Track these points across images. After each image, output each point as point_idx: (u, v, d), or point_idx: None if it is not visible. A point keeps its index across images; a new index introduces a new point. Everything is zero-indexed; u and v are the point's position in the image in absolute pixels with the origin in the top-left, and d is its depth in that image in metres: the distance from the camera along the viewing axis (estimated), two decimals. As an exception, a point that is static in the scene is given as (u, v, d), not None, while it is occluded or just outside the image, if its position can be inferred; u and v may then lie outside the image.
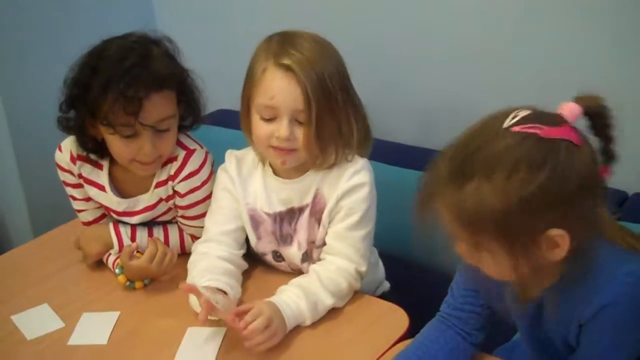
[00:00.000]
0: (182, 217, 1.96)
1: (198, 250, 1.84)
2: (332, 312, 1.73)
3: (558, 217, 1.22)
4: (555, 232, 1.23)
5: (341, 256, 1.77)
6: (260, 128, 1.73)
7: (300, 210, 1.82)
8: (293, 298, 1.68)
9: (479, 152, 1.22)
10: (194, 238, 1.93)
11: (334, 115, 1.70)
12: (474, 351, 1.56)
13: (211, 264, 1.77)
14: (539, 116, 1.25)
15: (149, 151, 1.79)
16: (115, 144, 1.80)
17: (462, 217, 1.23)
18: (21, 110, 2.65)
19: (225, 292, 1.70)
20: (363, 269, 1.78)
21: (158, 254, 1.82)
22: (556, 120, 1.25)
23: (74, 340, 1.72)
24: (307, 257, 1.85)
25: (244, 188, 1.85)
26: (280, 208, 1.83)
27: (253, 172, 1.86)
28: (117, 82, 1.70)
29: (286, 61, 1.67)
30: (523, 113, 1.25)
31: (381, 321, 1.72)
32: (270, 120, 1.71)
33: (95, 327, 1.76)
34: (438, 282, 1.67)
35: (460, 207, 1.23)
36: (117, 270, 1.87)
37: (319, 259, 1.82)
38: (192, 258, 1.84)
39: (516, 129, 1.22)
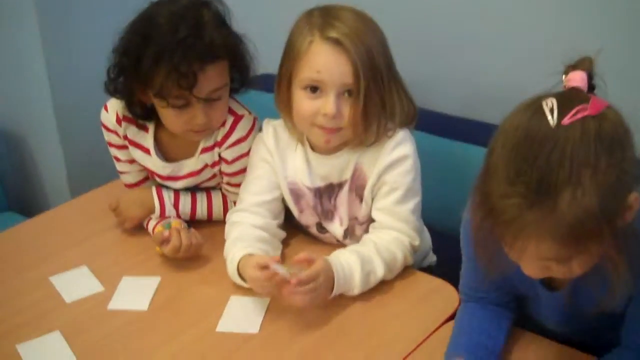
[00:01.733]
0: (228, 184, 1.90)
1: (232, 219, 1.79)
2: (381, 285, 1.67)
3: (629, 181, 1.17)
4: (633, 197, 1.18)
5: (394, 230, 1.71)
6: (304, 104, 1.66)
7: (340, 186, 1.76)
8: (350, 263, 1.62)
9: (551, 163, 1.13)
10: (238, 205, 1.87)
11: (379, 91, 1.64)
12: (513, 318, 1.52)
13: (244, 231, 1.73)
14: (567, 98, 1.18)
15: (202, 121, 1.74)
16: (167, 114, 1.75)
17: (565, 234, 1.13)
18: (63, 69, 2.60)
19: None
20: (417, 242, 1.73)
21: (182, 247, 1.75)
22: (581, 95, 1.20)
23: (114, 304, 1.68)
24: (350, 234, 1.79)
25: (282, 160, 1.79)
26: (319, 183, 1.77)
27: (292, 143, 1.79)
28: (171, 55, 1.63)
29: (334, 34, 1.60)
30: (552, 102, 1.17)
31: (431, 297, 1.66)
32: (314, 96, 1.64)
33: (135, 292, 1.71)
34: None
35: (561, 225, 1.12)
36: (157, 246, 1.81)
37: (363, 236, 1.76)
38: (227, 227, 1.79)
39: (566, 121, 1.15)
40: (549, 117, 1.16)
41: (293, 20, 1.70)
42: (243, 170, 1.85)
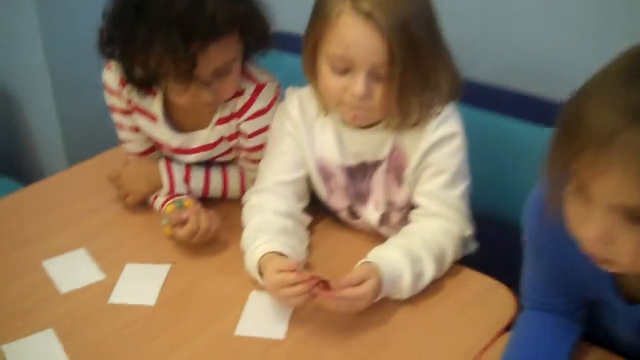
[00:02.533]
0: (246, 159, 1.68)
1: (251, 201, 1.58)
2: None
3: None
4: None
5: (442, 218, 1.49)
6: (330, 81, 1.44)
7: (375, 165, 1.54)
8: (399, 265, 1.40)
9: None
10: (259, 184, 1.65)
11: (420, 68, 1.40)
12: (581, 330, 1.31)
13: (265, 220, 1.51)
14: None
15: (208, 99, 1.51)
16: (170, 90, 1.53)
17: None
18: (57, 25, 2.38)
19: (284, 255, 1.43)
20: (468, 232, 1.52)
21: (200, 232, 1.54)
22: None
23: (116, 297, 1.47)
24: (385, 220, 1.58)
25: (309, 135, 1.57)
26: (351, 162, 1.55)
27: (320, 116, 1.57)
28: (166, 33, 1.38)
29: (366, 6, 1.36)
30: None
31: (483, 300, 1.44)
32: (342, 72, 1.42)
33: (141, 283, 1.50)
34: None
35: None
36: (163, 221, 1.59)
37: (400, 223, 1.56)
38: (244, 211, 1.58)
39: None
40: None
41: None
42: (264, 145, 1.63)
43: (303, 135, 1.57)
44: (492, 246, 1.68)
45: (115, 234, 1.66)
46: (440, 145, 1.48)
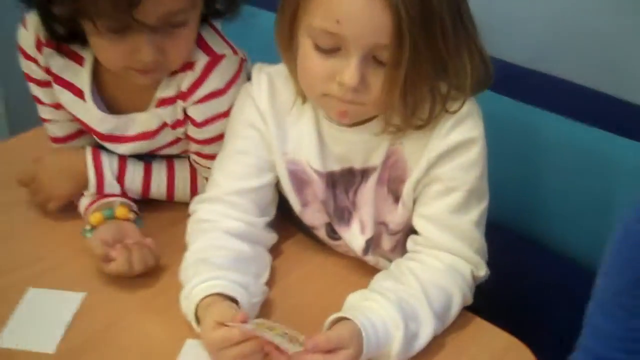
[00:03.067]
0: (198, 154, 1.31)
1: (198, 214, 1.22)
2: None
3: None
4: None
5: (449, 252, 1.16)
6: (312, 62, 1.10)
7: (364, 173, 1.20)
8: (387, 323, 1.05)
9: None
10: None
11: (437, 52, 1.05)
12: None
13: (213, 243, 1.17)
14: None
15: (149, 58, 1.14)
16: (98, 43, 1.16)
17: None
18: None
19: (235, 301, 1.08)
20: (482, 272, 1.18)
21: (133, 269, 1.19)
22: None
23: (4, 339, 1.10)
24: (374, 246, 1.23)
25: (280, 127, 1.21)
26: (334, 166, 1.21)
27: (296, 103, 1.22)
28: None
29: None
30: None
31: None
32: (329, 52, 1.07)
33: (42, 319, 1.13)
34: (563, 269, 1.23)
35: None
36: (87, 234, 1.24)
37: (393, 251, 1.24)
38: (189, 226, 1.23)
39: None
40: None
41: None
42: (221, 137, 1.26)
43: (272, 127, 1.21)
44: (506, 268, 1.31)
45: (21, 244, 1.30)
46: (453, 154, 1.14)
